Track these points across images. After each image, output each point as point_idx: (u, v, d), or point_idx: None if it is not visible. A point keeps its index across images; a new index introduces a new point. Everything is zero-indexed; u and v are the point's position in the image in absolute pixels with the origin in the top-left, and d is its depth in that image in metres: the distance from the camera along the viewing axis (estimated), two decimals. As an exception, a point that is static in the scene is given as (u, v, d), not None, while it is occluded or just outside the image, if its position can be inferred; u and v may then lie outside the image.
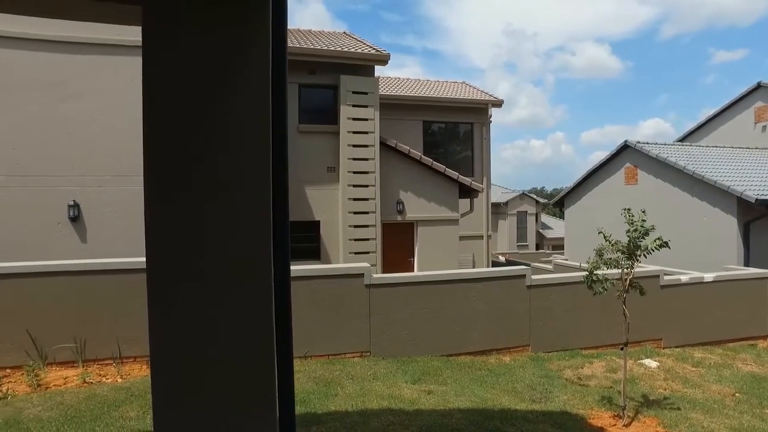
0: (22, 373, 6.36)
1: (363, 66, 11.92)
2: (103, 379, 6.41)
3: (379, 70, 12.57)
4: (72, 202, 9.04)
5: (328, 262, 11.39)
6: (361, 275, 7.46)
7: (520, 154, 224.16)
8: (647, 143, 16.42)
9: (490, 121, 16.84)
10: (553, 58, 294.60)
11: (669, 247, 5.40)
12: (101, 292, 6.81)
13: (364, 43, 13.09)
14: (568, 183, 22.79)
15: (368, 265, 7.83)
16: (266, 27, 1.32)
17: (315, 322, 7.28)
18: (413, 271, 12.30)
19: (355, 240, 11.41)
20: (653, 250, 5.49)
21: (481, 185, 14.79)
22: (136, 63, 8.20)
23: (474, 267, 15.92)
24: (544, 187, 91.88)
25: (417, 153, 12.90)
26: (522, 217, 34.25)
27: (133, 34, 8.89)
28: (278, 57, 1.34)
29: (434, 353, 7.87)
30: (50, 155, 8.97)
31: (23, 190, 8.87)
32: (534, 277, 8.57)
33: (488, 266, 16.26)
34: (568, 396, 6.49)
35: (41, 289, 6.69)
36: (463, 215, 13.85)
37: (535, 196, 36.80)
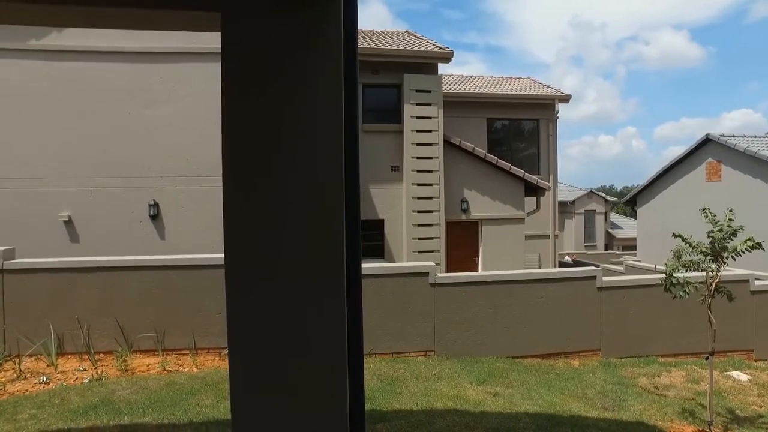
0: (113, 358, 6.88)
1: (426, 64, 11.88)
2: (180, 368, 6.79)
3: (442, 68, 12.48)
4: (152, 201, 9.65)
5: (392, 260, 11.46)
6: (426, 274, 7.44)
7: (588, 151, 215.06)
8: (733, 136, 15.22)
9: (557, 117, 16.27)
10: (624, 48, 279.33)
11: (764, 249, 4.97)
12: (179, 286, 7.23)
13: (427, 41, 13.04)
14: (640, 180, 21.64)
15: (433, 264, 7.80)
16: (338, 29, 1.35)
17: (380, 320, 7.35)
18: (477, 270, 12.11)
19: (419, 239, 11.39)
20: (743, 252, 5.08)
21: (547, 183, 14.32)
22: (207, 69, 8.67)
23: (540, 267, 15.46)
24: (613, 185, 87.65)
25: (481, 151, 12.69)
26: (590, 216, 32.82)
27: (205, 41, 9.40)
28: (349, 57, 1.37)
29: (499, 354, 7.71)
30: (134, 158, 9.63)
31: (112, 190, 9.59)
32: (605, 278, 8.19)
33: (554, 267, 15.74)
34: (644, 406, 6.15)
35: (127, 281, 7.20)
36: (529, 214, 13.48)
37: (603, 195, 35.16)
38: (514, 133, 16.50)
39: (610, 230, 34.98)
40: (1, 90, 9.44)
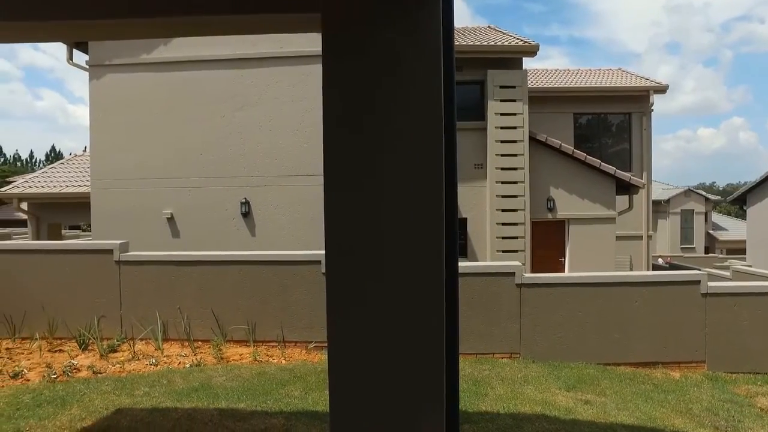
0: (209, 346, 7.35)
1: (510, 59, 11.57)
2: (270, 359, 7.11)
3: (526, 63, 12.10)
4: (243, 200, 10.20)
5: (475, 260, 11.27)
6: (512, 274, 7.24)
7: (684, 146, 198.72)
8: None
9: (652, 110, 15.19)
10: (732, 30, 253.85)
11: None
12: (269, 281, 7.57)
13: (511, 36, 12.68)
14: (749, 177, 19.53)
15: (519, 263, 7.57)
16: (438, 26, 1.33)
17: (464, 320, 7.25)
18: (563, 272, 11.61)
19: (503, 238, 11.12)
20: None
21: (641, 180, 13.41)
22: (294, 72, 9.01)
23: (631, 270, 14.52)
24: (714, 183, 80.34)
25: (569, 147, 12.13)
26: (687, 216, 30.27)
27: (292, 46, 9.78)
28: (447, 55, 1.35)
29: (589, 360, 7.32)
30: (227, 159, 10.24)
31: (208, 189, 10.27)
32: (711, 284, 7.50)
33: (647, 269, 14.71)
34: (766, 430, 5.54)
35: (222, 275, 7.65)
36: (620, 213, 12.70)
37: (704, 193, 32.33)
38: (602, 128, 15.64)
39: (711, 232, 32.08)
40: (118, 100, 10.43)
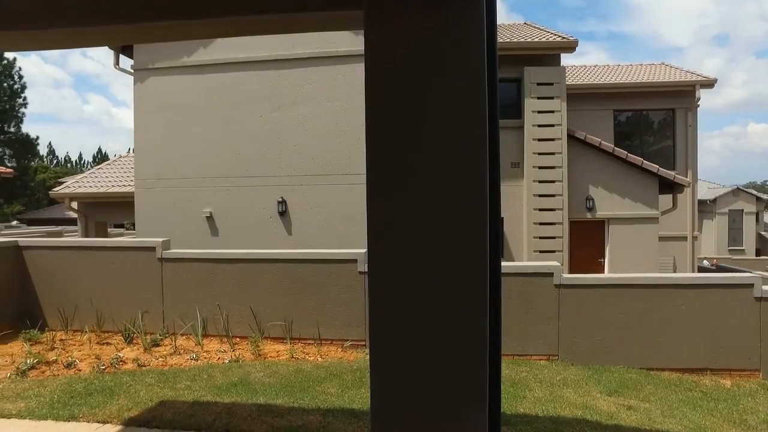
0: (247, 343, 7.49)
1: (548, 55, 11.33)
2: (306, 357, 7.18)
3: (564, 60, 11.82)
4: (280, 199, 10.36)
5: (511, 259, 11.10)
6: (551, 274, 7.08)
7: (733, 143, 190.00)
8: None
9: (698, 105, 14.60)
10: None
11: None
12: (305, 279, 7.65)
13: (548, 31, 12.42)
14: (806, 175, 18.37)
15: (558, 263, 7.40)
16: (481, 24, 1.30)
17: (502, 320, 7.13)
18: (603, 273, 11.29)
19: (540, 238, 10.91)
20: None
21: (686, 179, 12.91)
22: (330, 72, 9.10)
23: (675, 271, 13.99)
24: (766, 182, 76.39)
25: (609, 145, 11.79)
26: (736, 216, 28.93)
27: (328, 46, 9.86)
28: (491, 54, 1.32)
29: (631, 364, 7.09)
30: (265, 158, 10.42)
31: (245, 188, 10.47)
32: (766, 287, 7.14)
33: (692, 271, 14.14)
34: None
35: (260, 273, 7.78)
36: (663, 213, 12.25)
37: (755, 192, 30.84)
38: (644, 125, 15.15)
39: (763, 233, 30.56)
40: (160, 102, 10.77)
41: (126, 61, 11.23)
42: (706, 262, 19.73)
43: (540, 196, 10.93)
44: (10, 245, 8.38)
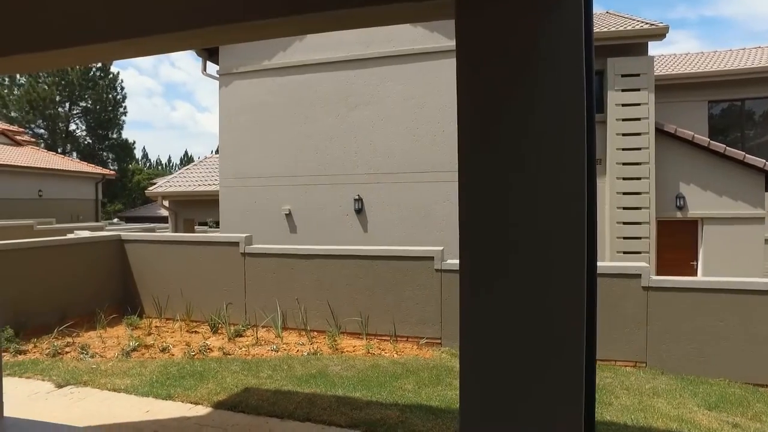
0: (324, 337, 7.69)
1: (633, 45, 10.65)
2: (382, 353, 7.24)
3: (651, 49, 11.08)
4: (357, 197, 10.53)
5: (591, 260, 10.57)
6: (638, 276, 6.67)
7: None
8: None
9: (811, 92, 13.15)
10: None
11: None
12: (382, 276, 7.72)
13: (634, 19, 11.69)
14: None
15: (646, 265, 6.96)
16: (578, 6, 1.20)
17: (581, 323, 6.82)
18: (696, 276, 10.46)
19: (624, 238, 10.30)
20: None
21: (796, 175, 11.65)
22: (404, 70, 9.10)
23: (781, 278, 12.68)
24: None
25: (703, 138, 10.90)
26: None
27: (402, 45, 9.88)
28: (588, 46, 1.23)
29: (729, 377, 6.51)
30: (341, 157, 10.64)
31: (323, 186, 10.76)
32: None
33: (803, 279, 12.74)
34: None
35: (337, 269, 7.96)
36: (769, 212, 11.15)
37: None
38: (744, 116, 13.87)
39: None
40: (243, 105, 11.33)
41: (212, 67, 11.91)
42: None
43: (624, 194, 10.31)
44: (115, 238, 9.27)
